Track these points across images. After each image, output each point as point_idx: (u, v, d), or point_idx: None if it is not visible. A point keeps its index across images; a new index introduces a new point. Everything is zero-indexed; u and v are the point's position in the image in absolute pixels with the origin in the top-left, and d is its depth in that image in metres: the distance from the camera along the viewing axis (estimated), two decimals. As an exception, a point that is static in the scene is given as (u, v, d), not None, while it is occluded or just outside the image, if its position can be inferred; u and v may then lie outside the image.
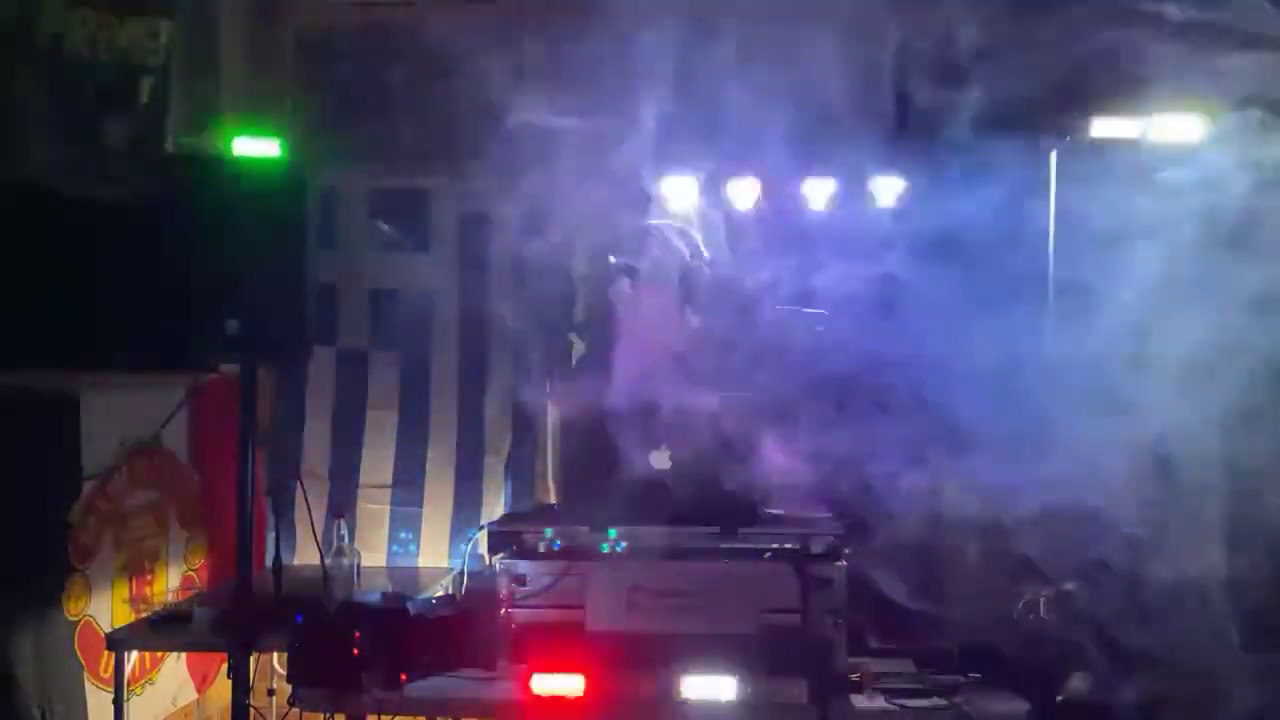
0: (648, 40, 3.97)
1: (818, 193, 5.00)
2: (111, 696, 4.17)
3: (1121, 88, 3.94)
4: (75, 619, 4.28)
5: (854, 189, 5.01)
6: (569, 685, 3.38)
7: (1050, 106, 4.16)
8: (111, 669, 4.21)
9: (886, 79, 4.11)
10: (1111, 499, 3.24)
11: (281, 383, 5.48)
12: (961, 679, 3.41)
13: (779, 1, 4.08)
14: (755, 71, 3.86)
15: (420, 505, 5.52)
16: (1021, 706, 3.33)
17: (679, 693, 3.38)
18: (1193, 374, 3.20)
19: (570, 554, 3.62)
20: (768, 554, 3.58)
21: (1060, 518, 3.29)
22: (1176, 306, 3.28)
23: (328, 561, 4.21)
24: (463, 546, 4.60)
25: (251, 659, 3.68)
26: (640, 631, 3.45)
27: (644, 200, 5.04)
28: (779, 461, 3.70)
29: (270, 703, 4.61)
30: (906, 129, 4.25)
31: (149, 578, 4.79)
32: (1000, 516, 3.36)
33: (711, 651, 3.38)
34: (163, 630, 4.27)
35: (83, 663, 4.29)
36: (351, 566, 4.33)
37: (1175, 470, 3.28)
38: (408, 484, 5.52)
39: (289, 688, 3.55)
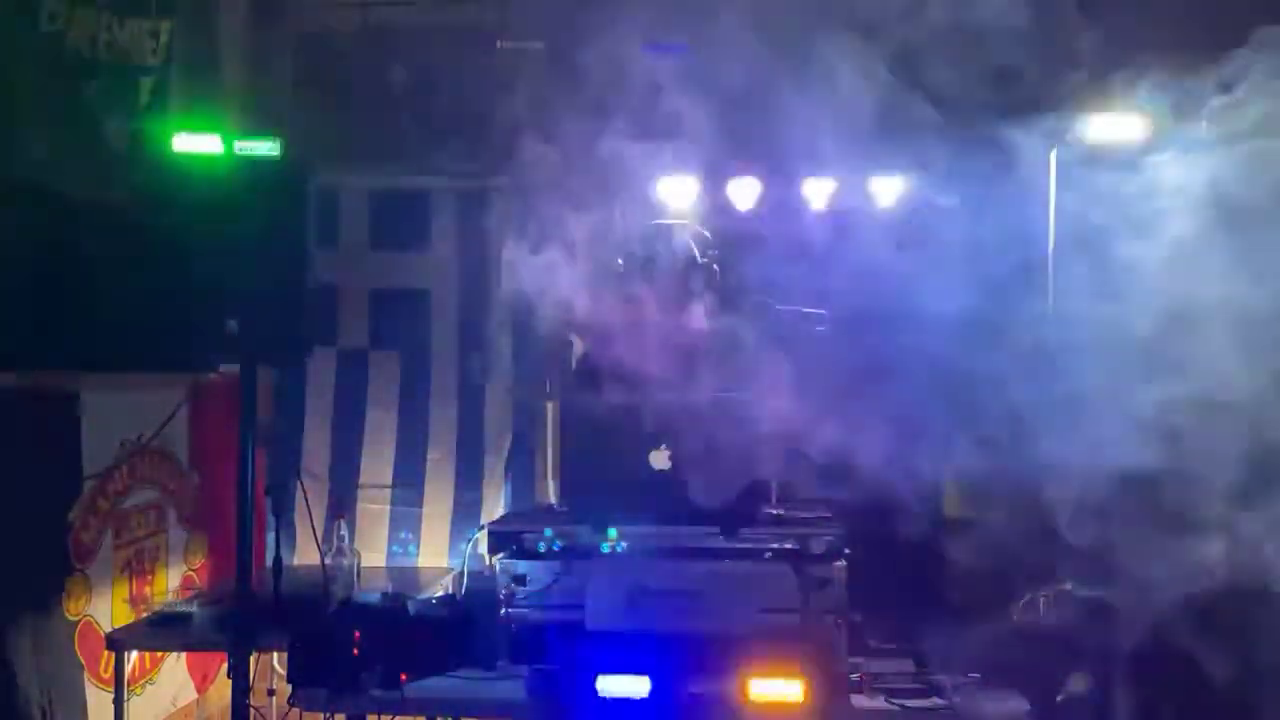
0: (649, 40, 3.97)
1: (818, 192, 5.02)
2: (111, 696, 4.17)
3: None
4: (75, 619, 4.28)
5: (854, 188, 5.02)
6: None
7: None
8: (112, 669, 4.21)
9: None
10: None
11: (281, 383, 5.48)
12: (961, 679, 3.41)
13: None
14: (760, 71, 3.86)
15: (420, 505, 5.53)
16: (1021, 706, 3.33)
17: (680, 692, 3.38)
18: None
19: (570, 554, 3.62)
20: (768, 554, 3.58)
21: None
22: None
23: (328, 561, 4.21)
24: (463, 546, 4.59)
25: (251, 659, 3.67)
26: (640, 631, 3.45)
27: (648, 198, 5.04)
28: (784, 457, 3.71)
29: (270, 703, 4.60)
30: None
31: (149, 578, 4.79)
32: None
33: (711, 651, 3.37)
34: (163, 630, 4.27)
35: (83, 663, 4.29)
36: (351, 566, 4.33)
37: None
38: (408, 484, 5.53)
39: (289, 687, 3.54)
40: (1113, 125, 4.15)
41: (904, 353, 3.75)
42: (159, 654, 4.73)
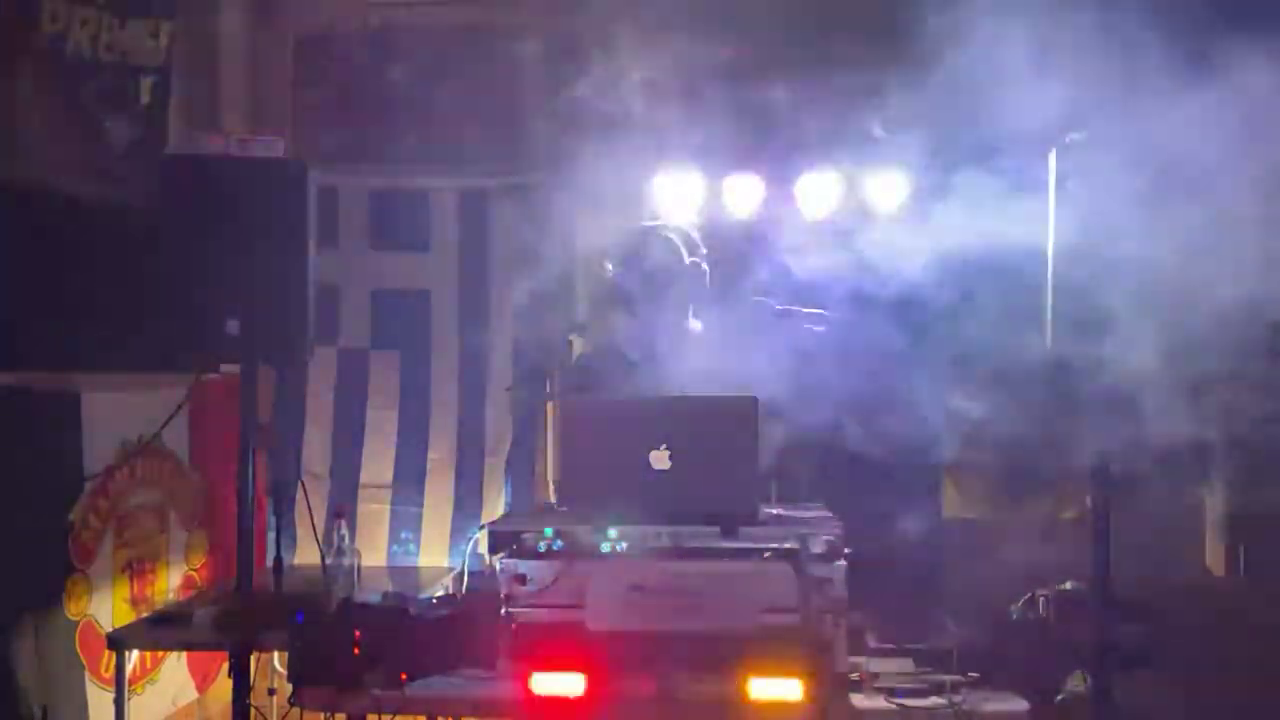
0: (645, 37, 3.97)
1: (816, 191, 5.02)
2: (112, 696, 4.17)
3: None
4: (76, 619, 4.28)
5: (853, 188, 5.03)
6: (569, 685, 3.38)
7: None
8: (112, 669, 4.21)
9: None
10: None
11: (281, 383, 5.48)
12: (961, 679, 3.41)
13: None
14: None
15: (420, 505, 5.53)
16: (1021, 706, 3.33)
17: (679, 693, 3.38)
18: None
19: (570, 554, 3.62)
20: (767, 554, 3.58)
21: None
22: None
23: (328, 561, 4.21)
24: (463, 546, 4.60)
25: (252, 659, 3.68)
26: (640, 631, 3.45)
27: (646, 198, 5.05)
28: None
29: (271, 702, 4.60)
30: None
31: (149, 577, 4.79)
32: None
33: (711, 651, 3.37)
34: (163, 630, 4.27)
35: (84, 662, 4.30)
36: (352, 566, 4.32)
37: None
38: (408, 484, 5.53)
39: (289, 687, 3.55)
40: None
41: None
42: (159, 654, 4.73)
